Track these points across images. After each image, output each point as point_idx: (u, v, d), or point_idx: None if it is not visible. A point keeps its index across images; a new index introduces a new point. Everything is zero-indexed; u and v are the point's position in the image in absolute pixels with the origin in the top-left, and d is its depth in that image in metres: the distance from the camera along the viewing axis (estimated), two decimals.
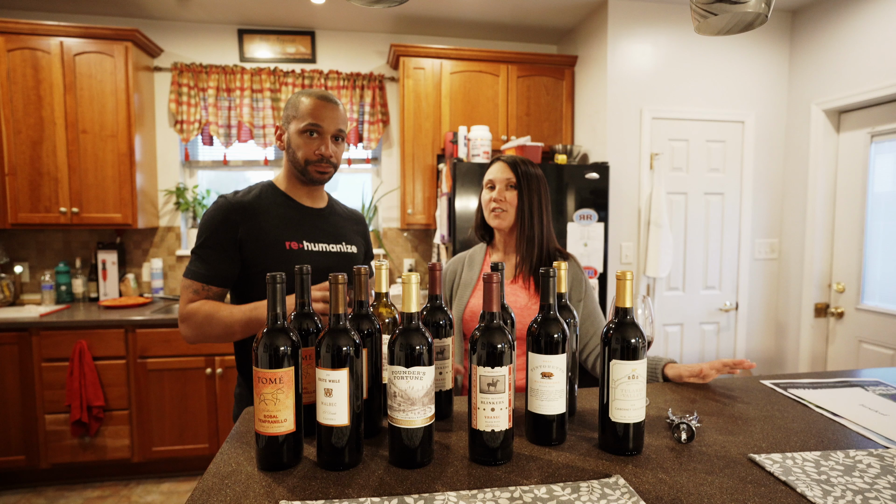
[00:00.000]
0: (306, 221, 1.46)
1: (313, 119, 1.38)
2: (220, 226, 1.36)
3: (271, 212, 1.42)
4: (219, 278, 1.37)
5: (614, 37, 3.06)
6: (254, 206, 1.40)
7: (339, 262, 1.46)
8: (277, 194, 1.46)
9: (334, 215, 1.54)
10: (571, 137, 3.50)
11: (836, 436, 1.09)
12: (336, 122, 1.41)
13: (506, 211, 1.54)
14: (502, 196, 1.54)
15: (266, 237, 1.38)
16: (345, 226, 1.55)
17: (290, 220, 1.43)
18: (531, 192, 1.54)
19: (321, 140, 1.40)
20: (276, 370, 0.92)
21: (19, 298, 3.27)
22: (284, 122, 1.45)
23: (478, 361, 0.95)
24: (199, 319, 1.33)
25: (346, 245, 1.51)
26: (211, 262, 1.36)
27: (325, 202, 1.55)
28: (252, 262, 1.38)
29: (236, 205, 1.39)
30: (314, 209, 1.49)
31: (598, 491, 0.85)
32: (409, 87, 3.27)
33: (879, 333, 2.78)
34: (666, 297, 3.21)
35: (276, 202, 1.44)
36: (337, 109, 1.42)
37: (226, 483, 0.89)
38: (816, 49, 3.06)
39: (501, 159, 1.59)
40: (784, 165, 3.29)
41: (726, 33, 1.12)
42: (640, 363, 0.99)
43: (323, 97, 1.41)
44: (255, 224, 1.38)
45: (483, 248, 1.66)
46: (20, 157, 2.92)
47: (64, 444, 2.78)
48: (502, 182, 1.55)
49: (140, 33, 3.03)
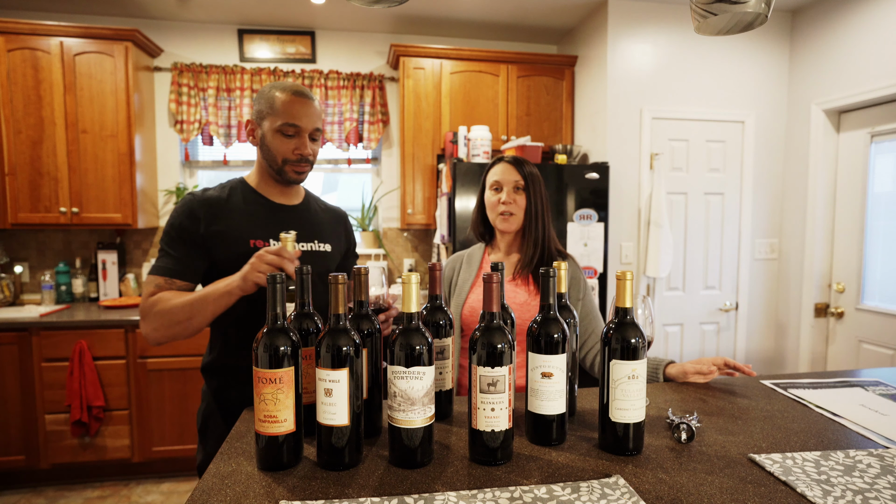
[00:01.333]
0: (276, 219, 1.40)
1: (290, 119, 1.33)
2: (184, 221, 1.33)
3: (239, 209, 1.38)
4: (182, 273, 1.32)
5: (614, 37, 3.06)
6: (221, 202, 1.37)
7: (311, 261, 1.38)
8: (248, 191, 1.42)
9: (309, 212, 1.48)
10: (571, 137, 3.51)
11: (836, 436, 1.09)
12: (313, 121, 1.36)
13: (514, 214, 1.53)
14: (511, 199, 1.52)
15: (231, 234, 1.34)
16: (320, 223, 1.49)
17: (258, 217, 1.38)
18: (536, 194, 1.53)
19: (299, 140, 1.35)
20: (276, 370, 0.92)
21: (19, 298, 3.27)
22: (257, 118, 1.38)
23: (478, 361, 0.95)
24: (157, 310, 1.27)
25: (318, 243, 1.45)
26: (175, 256, 1.32)
27: (301, 199, 1.49)
28: (217, 260, 1.34)
29: (202, 201, 1.35)
30: (286, 206, 1.44)
31: (598, 491, 0.85)
32: (409, 87, 3.27)
33: (879, 333, 2.78)
34: (666, 297, 3.21)
35: (245, 199, 1.40)
36: (313, 105, 1.37)
37: (226, 483, 0.89)
38: (816, 49, 3.06)
39: (505, 160, 1.57)
40: (784, 165, 3.29)
41: (726, 33, 1.12)
42: (640, 363, 0.99)
43: (298, 93, 1.35)
44: (221, 221, 1.34)
45: (482, 247, 1.66)
46: (20, 157, 2.92)
47: (64, 444, 2.78)
48: (510, 184, 1.52)
49: (140, 33, 3.03)
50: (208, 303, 1.23)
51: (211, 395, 1.43)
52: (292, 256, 1.16)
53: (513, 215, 1.53)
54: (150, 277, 1.32)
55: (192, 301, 1.24)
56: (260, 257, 1.16)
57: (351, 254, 1.61)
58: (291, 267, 1.15)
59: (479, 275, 1.60)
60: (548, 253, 1.55)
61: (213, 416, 1.41)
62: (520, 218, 1.54)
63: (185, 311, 1.25)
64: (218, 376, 1.41)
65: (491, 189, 1.56)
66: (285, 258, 1.15)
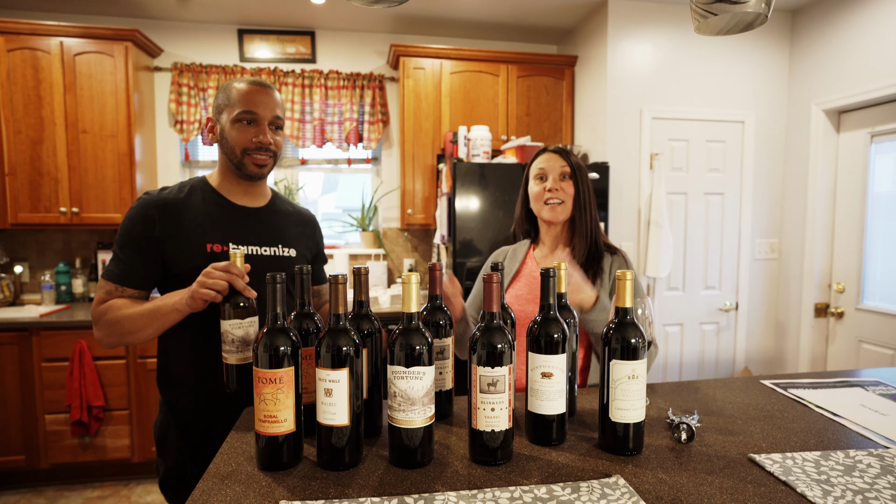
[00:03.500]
0: (236, 222, 1.34)
1: (247, 106, 1.28)
2: (137, 223, 1.27)
3: (196, 210, 1.31)
4: (133, 279, 1.27)
5: (614, 37, 3.06)
6: (177, 203, 1.30)
7: (273, 266, 1.34)
8: (208, 191, 1.35)
9: (274, 215, 1.41)
10: (571, 137, 3.51)
11: (836, 436, 1.09)
12: (272, 108, 1.31)
13: (563, 202, 1.45)
14: (558, 185, 1.44)
15: (186, 237, 1.27)
16: (285, 227, 1.42)
17: (216, 219, 1.32)
18: (584, 183, 1.46)
19: (258, 127, 1.30)
20: (276, 370, 0.92)
21: (19, 298, 3.26)
22: (216, 113, 1.34)
23: (478, 361, 0.95)
24: (108, 318, 1.24)
25: (282, 248, 1.38)
26: (126, 262, 1.27)
27: (266, 200, 1.43)
28: (172, 264, 1.28)
29: (157, 202, 1.28)
30: (248, 208, 1.37)
31: (598, 491, 0.85)
32: (409, 87, 3.27)
33: (879, 333, 2.78)
34: (666, 297, 3.21)
35: (204, 199, 1.33)
36: (271, 94, 1.32)
37: (226, 483, 0.89)
38: (816, 49, 3.06)
39: (549, 149, 1.50)
40: (784, 165, 3.29)
41: (726, 33, 1.12)
42: (640, 363, 0.99)
43: (255, 83, 1.31)
44: (176, 223, 1.28)
45: (526, 243, 1.59)
46: (20, 157, 2.92)
47: (64, 444, 2.78)
48: (556, 171, 1.45)
49: (140, 33, 3.03)
50: (156, 318, 1.20)
51: (166, 407, 1.38)
52: (241, 272, 1.12)
53: (561, 203, 1.44)
54: (102, 281, 1.28)
55: (141, 313, 1.21)
56: (207, 274, 1.11)
57: (319, 259, 1.55)
58: (241, 283, 1.11)
59: (520, 270, 1.54)
60: (596, 247, 1.47)
61: (169, 430, 1.36)
62: (568, 207, 1.46)
63: (135, 324, 1.21)
64: (170, 389, 1.36)
65: (535, 179, 1.49)
66: (234, 274, 1.10)
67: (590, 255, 1.46)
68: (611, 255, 1.49)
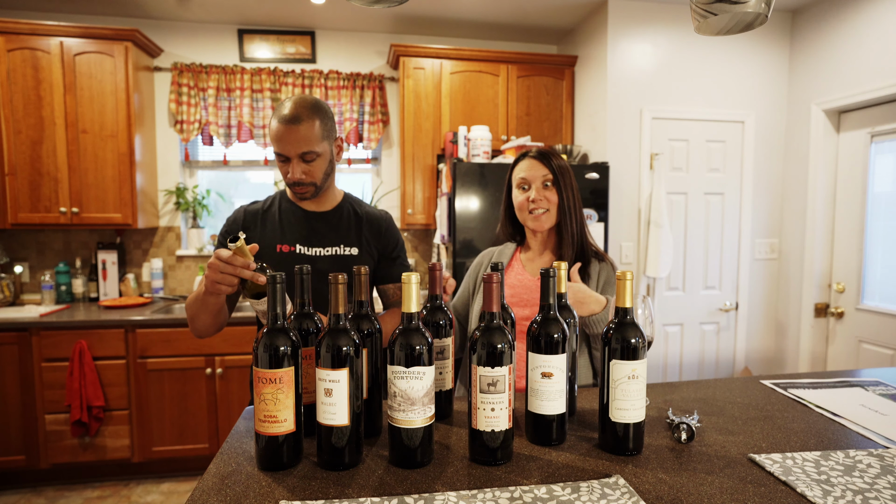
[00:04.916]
0: (305, 225, 1.50)
1: (277, 147, 1.39)
2: (230, 226, 1.51)
3: (273, 218, 1.51)
4: None
5: (614, 37, 3.06)
6: (259, 213, 1.51)
7: (334, 264, 1.47)
8: (285, 201, 1.54)
9: (340, 218, 1.53)
10: (571, 137, 3.51)
11: (836, 436, 1.09)
12: (298, 146, 1.36)
13: (547, 211, 1.44)
14: (541, 195, 1.43)
15: (261, 241, 1.46)
16: (348, 228, 1.53)
17: (288, 224, 1.50)
18: (567, 187, 1.44)
19: (288, 165, 1.40)
20: (276, 370, 0.92)
21: (19, 298, 3.26)
22: None
23: (478, 361, 0.95)
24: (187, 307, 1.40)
25: (343, 247, 1.51)
26: None
27: (333, 205, 1.54)
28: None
29: (246, 211, 1.52)
30: (316, 213, 1.52)
31: (598, 491, 0.85)
32: (409, 87, 3.27)
33: (879, 333, 2.78)
34: (666, 297, 3.21)
35: (281, 208, 1.52)
36: (298, 131, 1.35)
37: (226, 483, 0.89)
38: (816, 49, 3.06)
39: (530, 155, 1.48)
40: (784, 165, 3.29)
41: (726, 33, 1.12)
42: (641, 363, 0.99)
43: (284, 120, 1.35)
44: (256, 230, 1.49)
45: (513, 246, 1.59)
46: (20, 157, 2.92)
47: (64, 444, 2.78)
48: (538, 180, 1.44)
49: (140, 33, 3.03)
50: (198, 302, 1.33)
51: None
52: (245, 263, 1.15)
53: (546, 212, 1.44)
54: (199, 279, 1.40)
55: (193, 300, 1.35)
56: (213, 268, 1.15)
57: (385, 256, 1.56)
58: (248, 273, 1.14)
59: (505, 273, 1.52)
60: (583, 250, 1.47)
61: None
62: (553, 215, 1.45)
63: (190, 309, 1.37)
64: None
65: (518, 188, 1.48)
66: (237, 266, 1.14)
67: (577, 260, 1.46)
68: (598, 262, 1.48)
